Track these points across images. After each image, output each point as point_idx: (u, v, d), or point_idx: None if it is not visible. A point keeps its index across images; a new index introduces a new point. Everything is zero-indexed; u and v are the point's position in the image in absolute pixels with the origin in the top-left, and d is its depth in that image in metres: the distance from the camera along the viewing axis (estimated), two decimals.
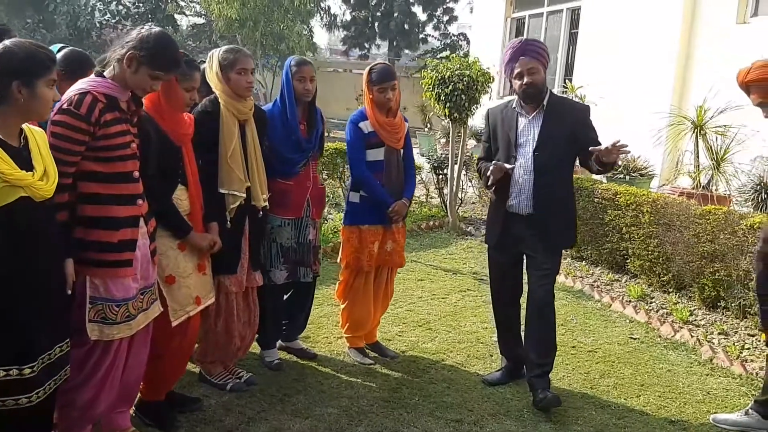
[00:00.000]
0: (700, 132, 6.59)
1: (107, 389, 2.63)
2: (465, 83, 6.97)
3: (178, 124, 2.92)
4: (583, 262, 6.48)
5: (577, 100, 7.91)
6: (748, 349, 4.46)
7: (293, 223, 3.70)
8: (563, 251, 4.88)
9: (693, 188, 6.52)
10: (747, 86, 3.16)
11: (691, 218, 5.34)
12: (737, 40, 7.48)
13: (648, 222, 5.68)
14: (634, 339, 4.64)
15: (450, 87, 6.95)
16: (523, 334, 3.74)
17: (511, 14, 12.51)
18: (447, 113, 7.08)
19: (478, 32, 13.73)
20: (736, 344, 4.50)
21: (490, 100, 7.21)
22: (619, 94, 8.73)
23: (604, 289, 5.74)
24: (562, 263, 6.29)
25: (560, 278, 5.95)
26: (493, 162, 3.55)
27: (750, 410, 3.43)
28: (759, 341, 4.55)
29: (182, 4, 23.53)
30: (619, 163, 5.22)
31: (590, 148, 3.38)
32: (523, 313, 3.76)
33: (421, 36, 25.67)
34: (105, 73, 2.53)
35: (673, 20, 8.31)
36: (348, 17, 25.50)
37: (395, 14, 24.30)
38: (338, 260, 4.05)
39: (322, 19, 24.62)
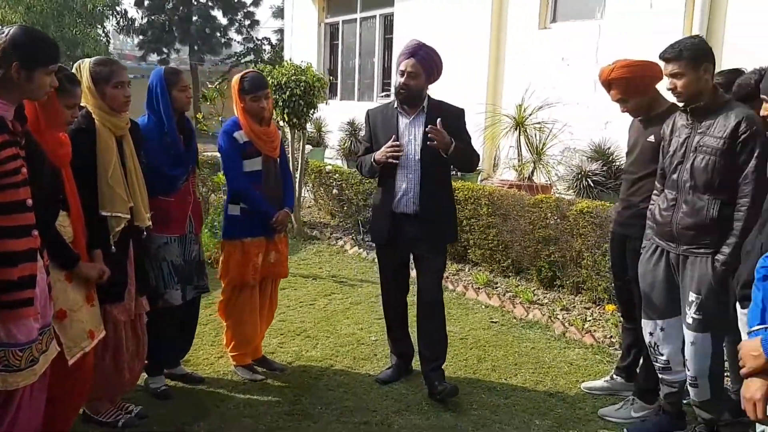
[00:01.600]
0: (521, 128, 7.24)
1: None
2: (302, 88, 7.00)
3: (58, 144, 2.65)
4: None
5: None
6: (589, 321, 5.01)
7: (179, 240, 3.52)
8: None
9: (519, 180, 7.15)
10: (609, 83, 3.52)
11: (525, 207, 5.87)
12: (541, 44, 8.31)
13: (486, 214, 6.15)
14: (495, 323, 5.00)
15: (287, 93, 6.94)
16: (411, 330, 3.89)
17: (325, 19, 12.73)
18: (286, 119, 7.06)
19: (293, 37, 13.77)
20: (578, 317, 5.04)
21: (327, 105, 7.27)
22: (439, 95, 9.27)
23: (453, 279, 6.10)
24: None
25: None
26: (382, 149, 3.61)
27: (614, 375, 3.88)
28: (596, 313, 5.14)
29: None
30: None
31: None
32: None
33: (223, 40, 25.06)
34: None
35: (483, 25, 9.00)
36: (145, 21, 24.16)
37: (194, 18, 23.49)
38: (217, 276, 3.90)
39: (118, 23, 23.07)
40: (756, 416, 1.82)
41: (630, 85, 3.47)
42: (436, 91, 3.76)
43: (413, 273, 4.05)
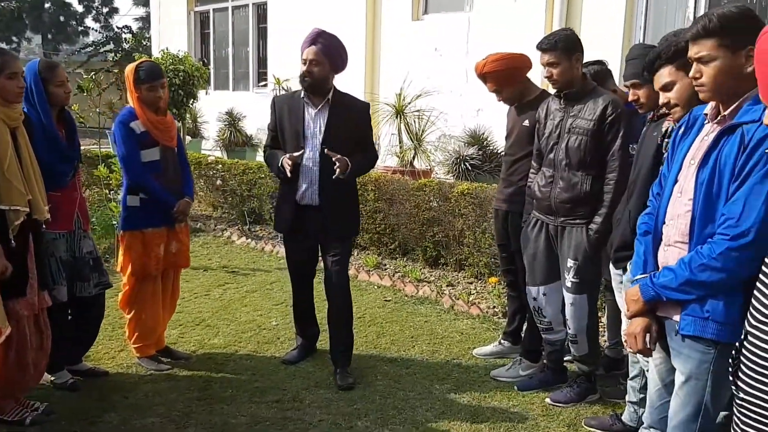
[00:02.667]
0: (401, 116, 7.54)
1: None
2: (181, 78, 6.89)
3: None
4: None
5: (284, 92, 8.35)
6: (474, 294, 5.39)
7: (66, 236, 3.45)
8: None
9: (401, 166, 7.45)
10: (484, 76, 3.84)
11: (410, 192, 6.17)
12: (415, 35, 8.63)
13: (373, 199, 6.39)
14: (388, 301, 5.25)
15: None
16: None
17: (194, 8, 12.42)
18: None
19: (161, 26, 13.30)
20: (463, 292, 5.40)
21: (207, 95, 7.20)
22: None
23: None
24: None
25: None
26: (283, 157, 3.63)
27: (502, 341, 4.24)
28: (479, 287, 5.53)
29: None
30: None
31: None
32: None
33: (80, 29, 23.62)
34: None
35: (358, 15, 9.19)
36: None
37: (47, 5, 21.96)
38: (117, 269, 3.84)
39: None
40: (636, 347, 2.15)
41: (502, 77, 3.82)
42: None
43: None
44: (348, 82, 8.28)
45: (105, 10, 23.92)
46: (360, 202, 6.43)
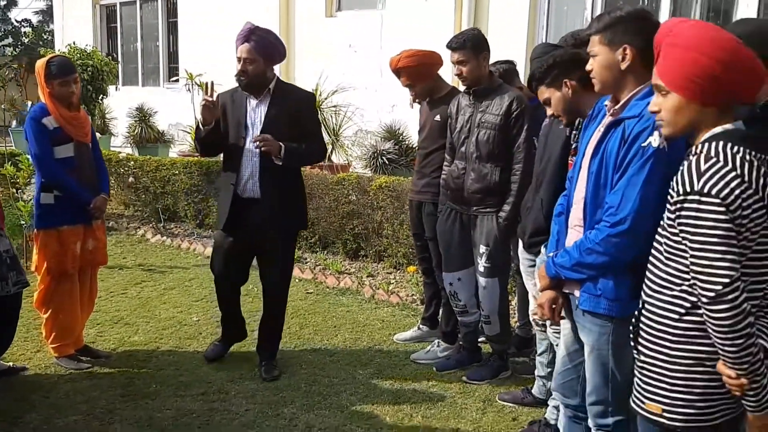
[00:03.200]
0: (319, 112, 7.61)
1: None
2: (90, 74, 6.72)
3: None
4: None
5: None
6: (393, 283, 5.56)
7: None
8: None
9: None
10: (398, 71, 3.99)
11: (329, 186, 6.28)
12: (330, 31, 8.73)
13: None
14: (310, 293, 5.35)
15: None
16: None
17: (100, 1, 12.02)
18: None
19: (64, 20, 12.78)
20: (383, 281, 5.57)
21: (117, 90, 7.05)
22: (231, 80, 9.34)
23: None
24: (207, 242, 6.72)
25: None
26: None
27: (420, 326, 4.42)
28: (398, 276, 5.71)
29: None
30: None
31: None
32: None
33: None
34: None
35: (271, 12, 9.19)
36: None
37: None
38: (32, 268, 3.76)
39: None
40: (544, 317, 2.36)
41: (415, 72, 3.99)
42: (232, 81, 3.62)
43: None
44: None
45: (3, 2, 22.62)
46: None
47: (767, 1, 5.66)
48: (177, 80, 10.14)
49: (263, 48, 3.50)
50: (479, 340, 4.03)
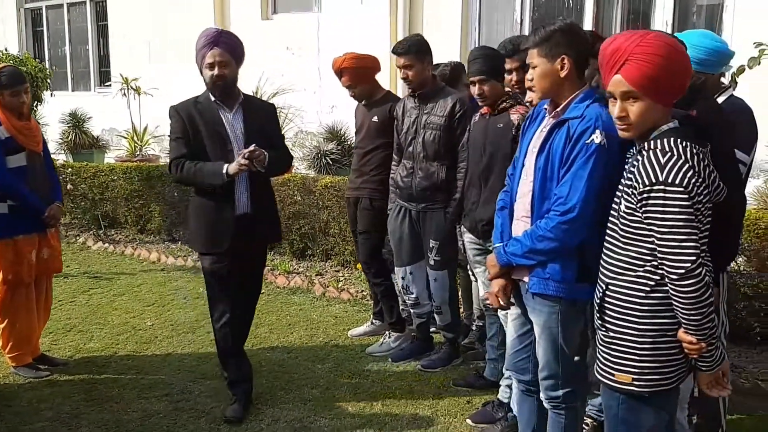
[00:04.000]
0: None
1: None
2: None
3: None
4: (178, 243, 6.99)
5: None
6: (342, 281, 5.73)
7: None
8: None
9: None
10: (341, 71, 4.16)
11: (274, 187, 6.24)
12: (266, 34, 8.76)
13: None
14: (262, 293, 5.40)
15: None
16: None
17: (24, 4, 11.66)
18: None
19: None
20: (332, 279, 5.72)
21: (53, 96, 6.94)
22: (173, 87, 9.26)
23: None
24: (152, 247, 6.74)
25: (169, 260, 6.36)
26: (239, 156, 3.21)
27: (373, 320, 4.61)
28: (347, 273, 5.88)
29: None
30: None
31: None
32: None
33: None
34: None
35: (206, 14, 9.13)
36: None
37: None
38: None
39: None
40: (496, 304, 2.57)
41: (357, 74, 4.18)
42: (168, 85, 3.30)
43: None
44: (200, 82, 8.31)
45: None
46: None
47: (681, 3, 6.10)
48: (110, 84, 9.97)
49: (233, 50, 3.34)
50: (431, 330, 4.25)
